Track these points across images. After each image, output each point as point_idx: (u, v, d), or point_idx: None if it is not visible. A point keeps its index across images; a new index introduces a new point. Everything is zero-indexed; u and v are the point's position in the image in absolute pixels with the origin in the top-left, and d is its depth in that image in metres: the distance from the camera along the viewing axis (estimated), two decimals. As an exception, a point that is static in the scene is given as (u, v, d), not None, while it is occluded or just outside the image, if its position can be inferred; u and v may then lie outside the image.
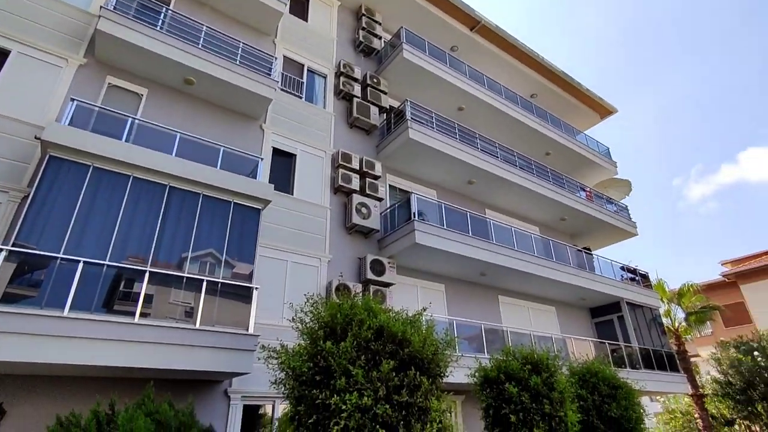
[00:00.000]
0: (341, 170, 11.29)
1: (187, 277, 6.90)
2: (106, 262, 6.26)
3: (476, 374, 7.64)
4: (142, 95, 9.18)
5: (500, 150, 14.56)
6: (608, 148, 20.21)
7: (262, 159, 9.10)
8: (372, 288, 10.07)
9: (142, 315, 6.27)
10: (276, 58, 10.79)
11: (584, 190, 17.48)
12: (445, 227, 11.09)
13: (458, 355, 8.87)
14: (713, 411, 17.61)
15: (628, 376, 10.21)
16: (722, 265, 28.56)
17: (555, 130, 17.39)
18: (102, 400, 5.34)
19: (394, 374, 5.07)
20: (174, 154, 7.72)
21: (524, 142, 16.68)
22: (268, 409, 8.32)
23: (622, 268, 16.86)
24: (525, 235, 13.65)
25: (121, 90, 9.01)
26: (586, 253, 15.73)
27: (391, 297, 10.32)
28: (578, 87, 19.83)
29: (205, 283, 6.95)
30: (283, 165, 10.80)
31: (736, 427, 17.33)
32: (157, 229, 6.90)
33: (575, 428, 7.09)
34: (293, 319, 5.85)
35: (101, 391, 6.45)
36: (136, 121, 7.94)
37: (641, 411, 8.50)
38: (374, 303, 5.85)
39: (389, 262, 10.60)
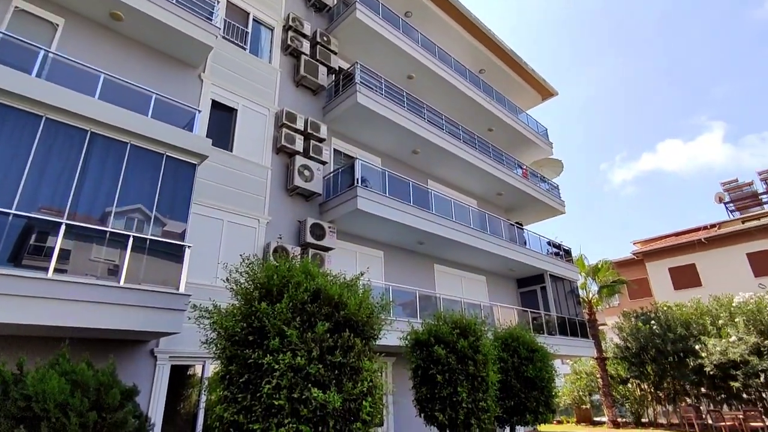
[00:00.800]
0: (285, 130, 10.88)
1: (111, 233, 6.42)
2: (12, 211, 5.64)
3: (408, 337, 7.98)
4: (57, 26, 8.13)
5: (446, 122, 14.74)
6: (546, 129, 21.19)
7: (199, 111, 8.51)
8: (311, 252, 10.01)
9: (58, 271, 5.79)
10: (218, 2, 9.97)
11: (521, 168, 18.31)
12: (387, 195, 11.18)
13: (392, 319, 9.17)
14: (612, 372, 19.84)
15: (545, 341, 11.17)
16: (633, 244, 31.60)
17: (499, 107, 17.87)
18: (8, 360, 4.94)
19: (328, 335, 5.15)
20: (97, 97, 6.99)
21: (469, 116, 17.00)
22: (198, 369, 8.17)
23: (549, 243, 18.10)
24: (463, 207, 14.13)
25: (31, 17, 7.91)
26: (518, 227, 16.64)
27: (330, 261, 10.35)
28: (524, 66, 20.36)
29: (131, 240, 6.51)
30: (223, 120, 10.21)
31: (629, 385, 19.72)
32: (76, 179, 6.29)
33: (494, 387, 7.70)
34: (228, 279, 5.70)
35: (9, 351, 5.96)
36: (50, 54, 7.04)
37: (553, 372, 9.38)
38: (312, 266, 5.84)
39: (330, 227, 10.56)
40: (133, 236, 6.55)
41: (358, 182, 10.58)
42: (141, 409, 6.27)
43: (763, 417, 15.38)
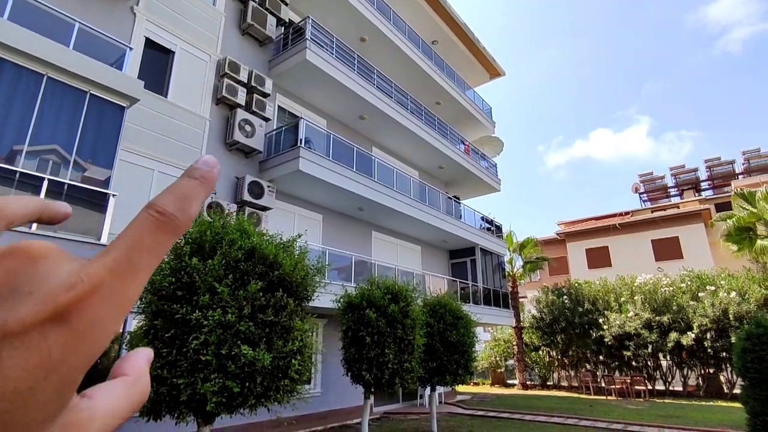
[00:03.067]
0: (227, 80, 10.27)
1: (21, 173, 5.82)
2: None
3: (341, 300, 8.15)
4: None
5: (395, 91, 14.66)
6: (491, 108, 21.78)
7: (131, 48, 7.78)
8: (248, 210, 9.75)
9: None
10: (157, -73, 8.99)
11: (464, 144, 18.79)
12: (330, 159, 11.05)
13: (327, 282, 9.29)
14: (527, 340, 21.68)
15: (470, 309, 11.89)
16: (558, 225, 34.04)
17: (449, 81, 18.03)
18: None
19: (261, 294, 5.14)
20: (6, 17, 6.14)
21: (419, 87, 17.00)
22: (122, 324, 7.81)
23: (483, 219, 19.00)
24: (405, 177, 14.36)
25: None
26: (455, 201, 17.24)
27: (267, 221, 10.16)
28: (476, 43, 20.56)
29: (46, 183, 5.96)
30: (158, 61, 9.41)
31: (540, 352, 21.72)
32: (-21, 109, 5.58)
33: (420, 349, 8.15)
34: (156, 232, 5.43)
35: None
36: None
37: (474, 338, 10.07)
38: (248, 224, 5.72)
39: (269, 186, 10.30)
40: (48, 179, 6.00)
41: (301, 143, 10.34)
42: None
43: (646, 381, 17.70)
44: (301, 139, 10.41)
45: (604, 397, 16.73)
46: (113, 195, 6.54)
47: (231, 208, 9.37)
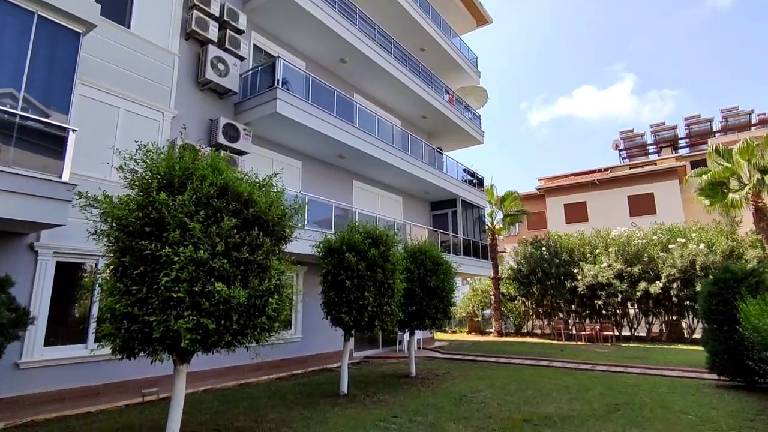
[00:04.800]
0: (196, 12, 9.51)
1: (-35, 102, 5.30)
2: None
3: (321, 245, 8.03)
4: None
5: (378, 34, 13.94)
6: (477, 58, 21.12)
7: (83, -32, 6.99)
8: (223, 154, 9.31)
9: None
10: None
11: (448, 93, 18.31)
12: (310, 102, 10.57)
13: (305, 221, 9.13)
14: (504, 290, 22.32)
15: (450, 259, 11.98)
16: (539, 180, 34.33)
17: (434, 26, 17.24)
18: None
19: (235, 232, 4.94)
20: None
21: (403, 31, 16.21)
22: (91, 268, 7.56)
23: (465, 171, 18.88)
24: (387, 125, 13.97)
25: None
26: (438, 152, 17.00)
27: (244, 166, 9.78)
28: (464, -14, 19.57)
29: (-5, 114, 5.46)
30: (117, -13, 8.57)
31: (516, 302, 22.46)
32: None
33: (399, 294, 8.19)
34: (122, 167, 5.08)
35: None
36: None
37: (453, 284, 10.19)
38: (220, 161, 5.42)
39: (245, 129, 9.84)
40: (-2, 110, 5.49)
41: (278, 83, 9.80)
42: (19, 303, 5.73)
43: (614, 328, 18.59)
44: (278, 80, 9.87)
45: (574, 343, 17.53)
46: (73, 130, 6.08)
47: (205, 151, 8.93)
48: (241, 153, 9.81)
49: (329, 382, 9.07)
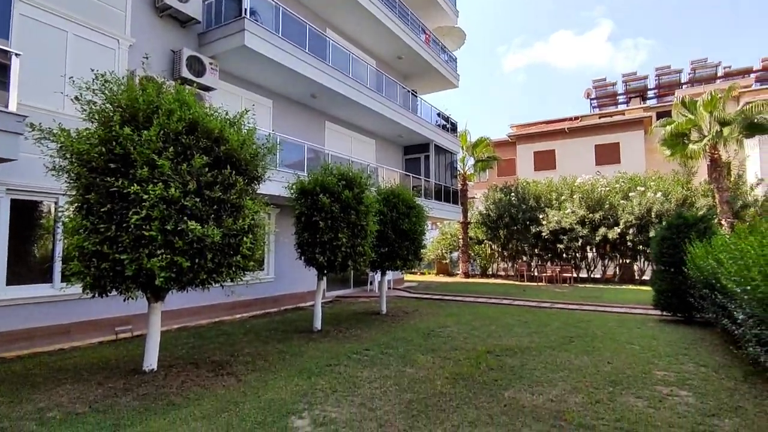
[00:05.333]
0: (150, -75, 8.53)
1: None
2: None
3: (294, 186, 7.95)
4: None
5: (353, -39, 12.99)
6: (455, -6, 20.19)
7: None
8: (189, 89, 8.80)
9: None
10: None
11: (425, 33, 17.61)
12: (280, 35, 9.96)
13: (277, 162, 8.97)
14: (472, 234, 23.05)
15: (421, 202, 12.15)
16: (511, 127, 34.44)
17: (412, -44, 16.19)
18: None
19: (207, 170, 4.81)
20: None
21: (379, -40, 15.17)
22: (50, 207, 7.24)
23: (439, 115, 18.67)
24: (362, 65, 13.45)
25: None
26: (413, 95, 16.63)
27: (211, 103, 9.30)
28: None
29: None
30: None
31: (483, 245, 23.32)
32: None
33: (372, 235, 8.32)
34: (78, 98, 4.75)
35: None
36: None
37: (425, 227, 10.42)
38: (188, 95, 5.14)
39: (211, 63, 9.26)
40: (-70, 28, 4.92)
41: (246, 13, 9.14)
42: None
43: (572, 270, 19.74)
44: (245, 9, 9.18)
45: (535, 284, 18.59)
46: (16, 54, 5.55)
47: (168, 85, 8.41)
48: (208, 89, 9.29)
49: (302, 320, 9.37)
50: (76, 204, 4.58)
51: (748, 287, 3.40)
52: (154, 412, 4.11)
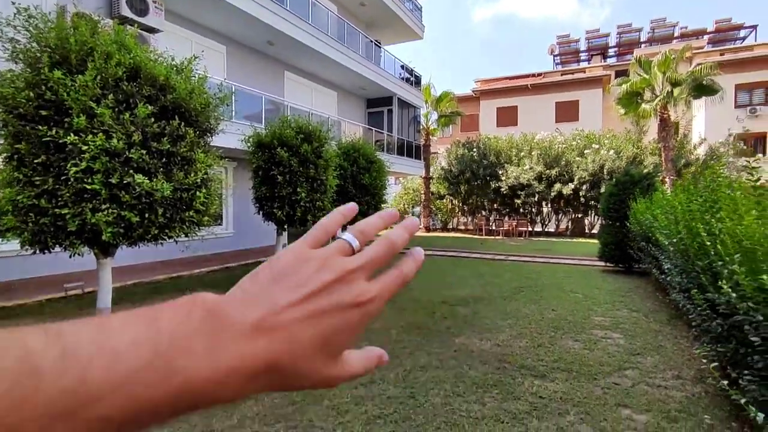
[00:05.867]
0: None
1: None
2: None
3: (251, 139, 7.69)
4: None
5: None
6: (422, -63, 19.19)
7: None
8: (130, 29, 8.10)
9: None
10: None
11: (389, -23, 16.79)
12: (232, -27, 9.22)
13: (232, 113, 8.61)
14: (434, 189, 23.36)
15: (384, 157, 12.09)
16: (475, 82, 34.25)
17: None
18: None
19: (153, 121, 4.54)
20: None
21: None
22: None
23: (403, 68, 18.25)
24: (322, 11, 12.77)
25: None
26: (376, 45, 16.09)
27: (156, 46, 8.63)
28: None
29: None
30: None
31: (444, 200, 23.77)
32: None
33: (332, 190, 8.28)
34: (-2, 36, 4.28)
35: None
36: None
37: (386, 182, 10.46)
38: (128, 37, 4.74)
39: (155, 1, 8.51)
40: None
41: (192, -54, 8.35)
42: None
43: (528, 224, 20.59)
44: (191, -59, 8.38)
45: (493, 237, 19.30)
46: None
47: (106, 25, 7.69)
48: (152, 30, 8.58)
49: (263, 274, 9.38)
50: (5, 154, 4.24)
51: (675, 240, 3.69)
52: (108, 366, 4.09)
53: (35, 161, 4.09)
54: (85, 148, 4.05)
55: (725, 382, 2.35)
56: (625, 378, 3.85)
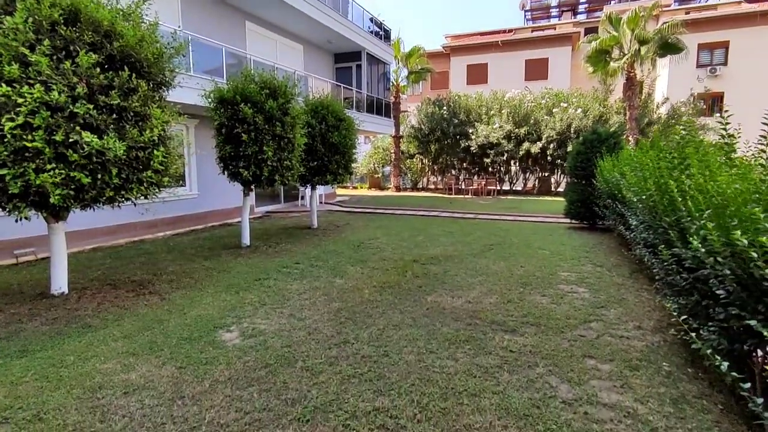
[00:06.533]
0: None
1: None
2: None
3: (212, 95, 7.22)
4: None
5: None
6: None
7: None
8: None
9: None
10: None
11: None
12: None
13: (190, 65, 8.06)
14: (404, 149, 23.14)
15: (353, 115, 11.72)
16: (445, 38, 33.40)
17: None
18: None
19: (99, 71, 4.13)
20: None
21: None
22: None
23: (371, 20, 17.46)
24: (284, -46, 11.83)
25: None
26: (343, -6, 15.21)
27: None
28: None
29: None
30: None
31: (414, 159, 23.64)
32: None
33: (300, 149, 7.99)
34: None
35: None
36: None
37: (355, 140, 10.18)
38: (63, -26, 4.20)
39: (95, -64, 7.59)
40: None
41: None
42: None
43: (497, 182, 20.87)
44: None
45: (462, 196, 19.50)
46: None
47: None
48: (94, -30, 7.71)
49: (230, 236, 9.14)
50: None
51: (644, 196, 3.76)
52: (67, 335, 3.90)
53: (-37, 116, 3.66)
54: (20, 100, 3.65)
55: (693, 334, 2.44)
56: (590, 330, 4.00)
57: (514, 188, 21.71)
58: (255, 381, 3.10)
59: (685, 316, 2.66)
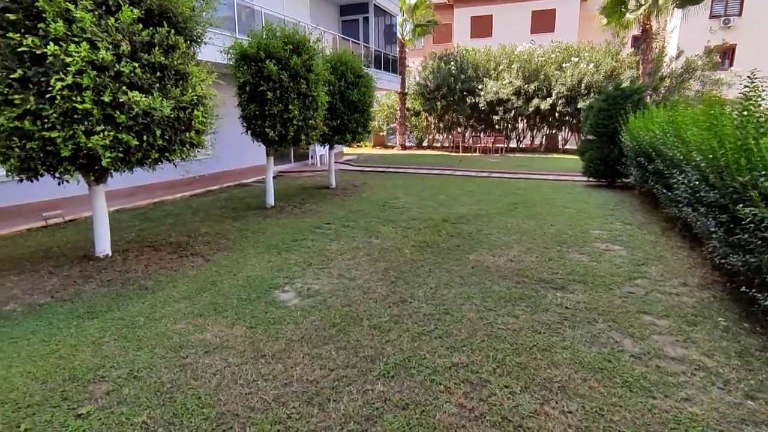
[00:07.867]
0: None
1: None
2: None
3: (232, 51, 6.96)
4: None
5: None
6: None
7: None
8: None
9: None
10: None
11: None
12: None
13: (218, 17, 7.73)
14: (409, 106, 22.68)
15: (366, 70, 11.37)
16: (449, -14, 31.82)
17: None
18: None
19: (141, 27, 3.96)
20: None
21: None
22: None
23: (378, -33, 16.57)
24: None
25: None
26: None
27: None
28: None
29: None
30: None
31: (420, 116, 23.23)
32: None
33: (324, 107, 7.83)
34: None
35: None
36: None
37: (373, 98, 9.95)
38: None
39: None
40: None
41: None
42: None
43: (505, 140, 20.68)
44: None
45: (470, 154, 19.36)
46: None
47: None
48: None
49: (251, 196, 9.11)
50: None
51: (711, 156, 3.71)
52: (128, 297, 3.97)
53: (11, 77, 3.53)
54: (68, 60, 3.51)
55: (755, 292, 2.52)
56: (637, 287, 4.12)
57: (520, 145, 21.54)
58: (329, 339, 3.21)
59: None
